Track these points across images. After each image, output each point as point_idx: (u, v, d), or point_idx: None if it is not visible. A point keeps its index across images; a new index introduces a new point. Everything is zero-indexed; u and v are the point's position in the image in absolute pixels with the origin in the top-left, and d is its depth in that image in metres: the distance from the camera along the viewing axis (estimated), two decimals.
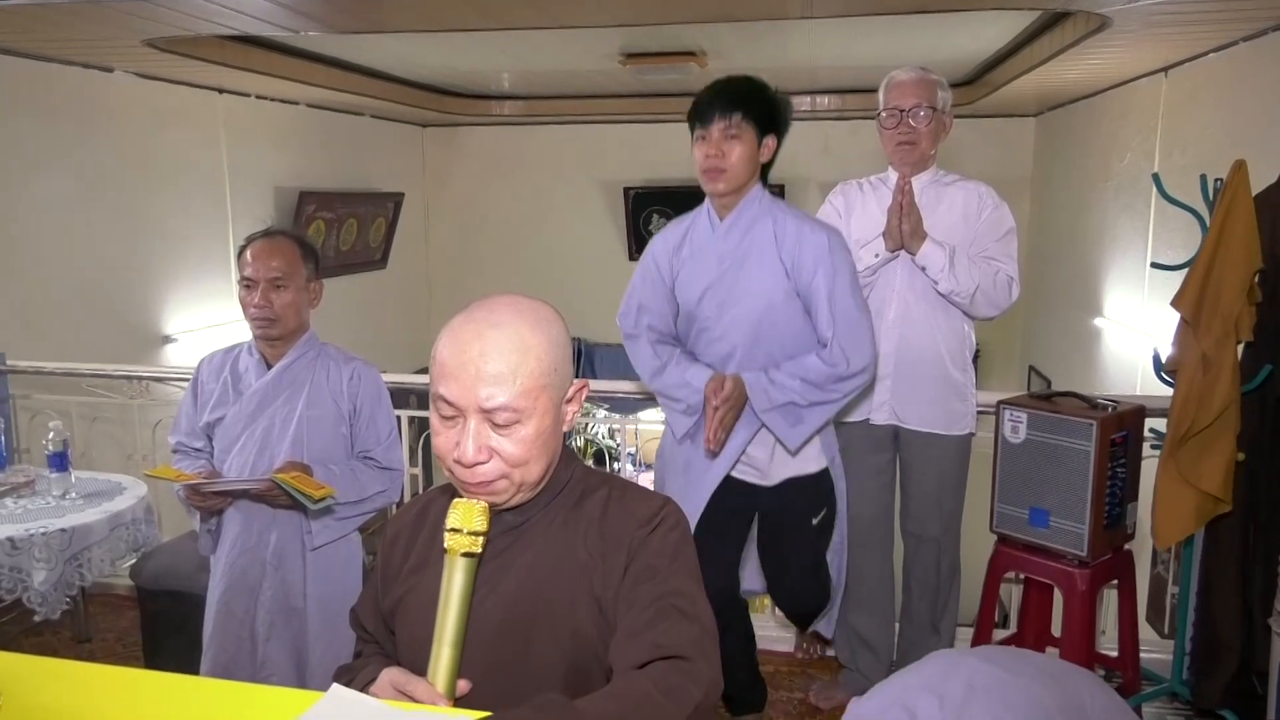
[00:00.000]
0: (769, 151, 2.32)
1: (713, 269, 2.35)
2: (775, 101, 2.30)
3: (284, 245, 2.21)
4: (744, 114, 2.24)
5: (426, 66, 6.47)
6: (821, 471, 2.47)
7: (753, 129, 2.26)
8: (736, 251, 2.33)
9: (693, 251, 2.40)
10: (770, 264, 2.30)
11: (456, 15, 3.74)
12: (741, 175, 2.29)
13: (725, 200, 2.34)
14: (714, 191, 2.33)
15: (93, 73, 4.69)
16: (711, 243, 2.37)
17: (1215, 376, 2.45)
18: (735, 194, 2.33)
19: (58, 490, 3.01)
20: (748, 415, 2.34)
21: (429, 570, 1.25)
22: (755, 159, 2.30)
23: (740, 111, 2.24)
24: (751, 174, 2.31)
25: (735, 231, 2.34)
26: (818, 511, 2.47)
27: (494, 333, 1.16)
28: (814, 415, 2.33)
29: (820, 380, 2.29)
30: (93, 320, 4.77)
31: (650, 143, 8.17)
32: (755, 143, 2.28)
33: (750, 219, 2.33)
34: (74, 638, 3.48)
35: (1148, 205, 5.04)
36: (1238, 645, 2.67)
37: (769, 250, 2.31)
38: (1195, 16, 3.63)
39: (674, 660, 1.10)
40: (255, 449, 2.22)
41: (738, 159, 2.26)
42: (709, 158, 2.28)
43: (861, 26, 4.75)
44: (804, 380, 2.29)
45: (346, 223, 7.25)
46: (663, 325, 2.47)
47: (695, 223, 2.43)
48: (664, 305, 2.46)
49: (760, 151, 2.30)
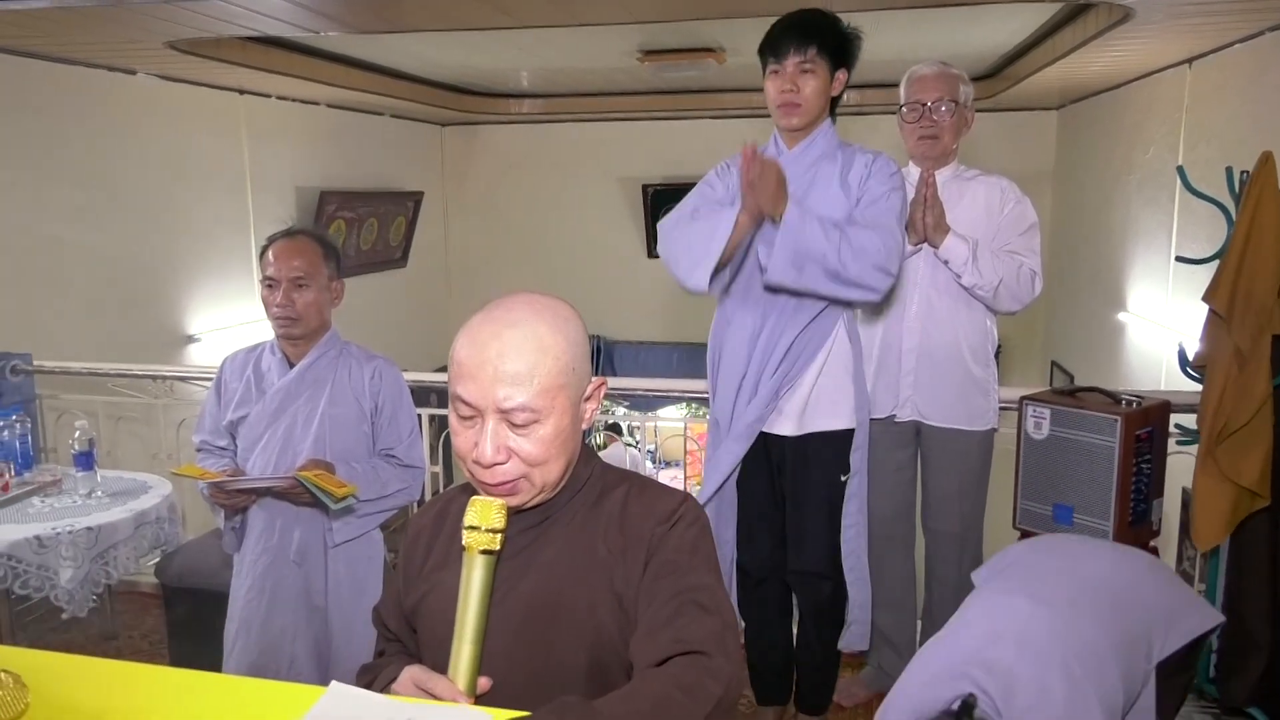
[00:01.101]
0: (840, 85, 2.31)
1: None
2: (847, 35, 2.29)
3: (306, 245, 2.23)
4: (818, 47, 2.23)
5: (445, 66, 6.49)
6: (848, 431, 2.43)
7: (826, 62, 2.25)
8: (803, 179, 2.31)
9: None
10: (834, 191, 2.30)
11: (476, 13, 3.75)
12: (815, 109, 2.29)
13: (795, 134, 2.34)
14: (788, 126, 2.32)
15: (116, 75, 4.74)
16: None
17: (1253, 372, 2.42)
18: (807, 128, 2.32)
19: (84, 489, 3.04)
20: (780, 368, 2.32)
21: (450, 569, 1.25)
22: (828, 92, 2.29)
23: (815, 45, 2.22)
24: (824, 108, 2.31)
25: (803, 161, 2.34)
26: (845, 468, 2.44)
27: (511, 333, 1.16)
28: (812, 274, 2.21)
29: (856, 241, 2.18)
30: (117, 320, 4.82)
31: (669, 140, 8.15)
32: (828, 76, 2.27)
33: (818, 150, 2.33)
34: (100, 635, 3.52)
35: (1172, 199, 4.98)
36: (1267, 643, 2.64)
37: (834, 178, 2.30)
38: (1219, 7, 3.58)
39: (694, 656, 1.10)
40: (278, 447, 2.24)
41: (812, 92, 2.26)
42: (784, 92, 2.27)
43: (881, 20, 4.72)
44: (842, 231, 2.18)
45: (367, 222, 7.29)
46: None
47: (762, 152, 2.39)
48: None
49: (833, 85, 2.28)
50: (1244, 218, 2.46)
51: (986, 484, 2.74)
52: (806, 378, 2.37)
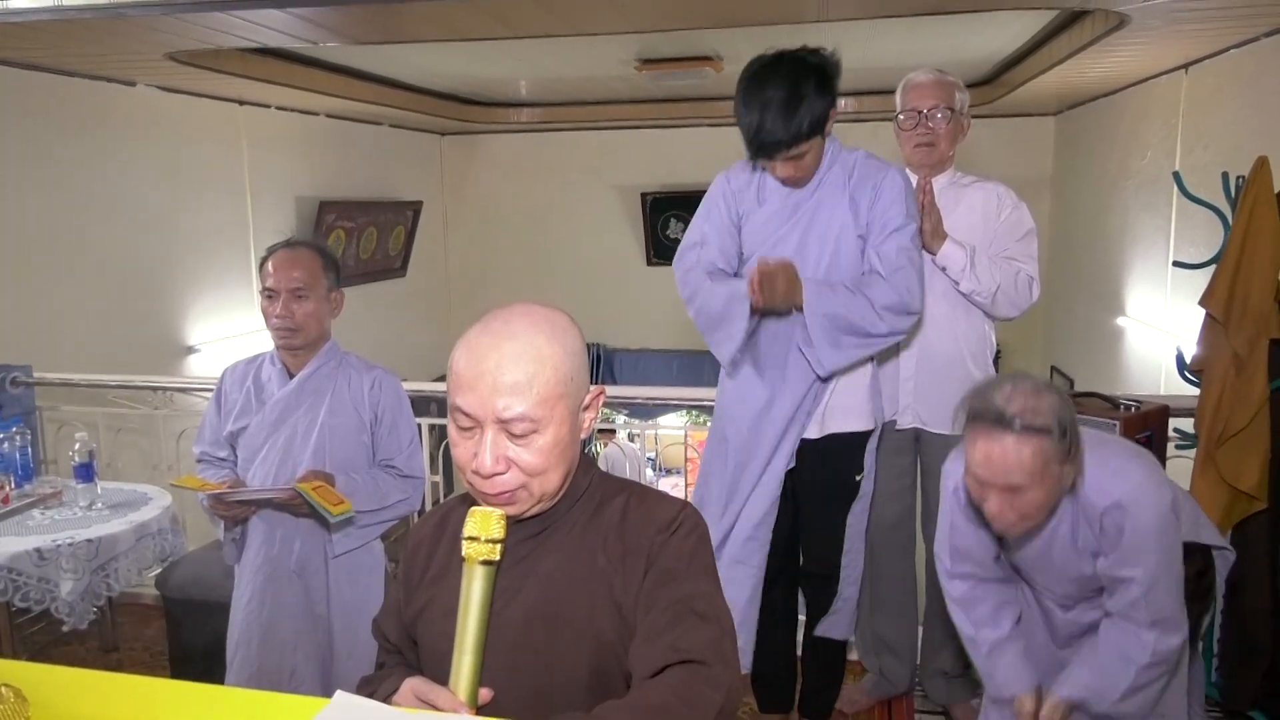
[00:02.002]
0: (834, 116, 2.29)
1: (784, 219, 2.35)
2: (822, 95, 2.20)
3: (305, 256, 2.23)
4: (805, 132, 2.19)
5: (444, 75, 6.51)
6: (867, 432, 2.45)
7: (816, 134, 2.23)
8: (812, 199, 2.33)
9: (762, 200, 2.40)
10: (841, 208, 2.31)
11: (475, 24, 3.76)
12: (816, 165, 2.31)
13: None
14: (797, 186, 2.34)
15: (116, 86, 4.76)
16: (783, 194, 2.36)
17: (1250, 376, 2.42)
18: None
19: (84, 501, 3.04)
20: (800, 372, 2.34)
21: (449, 580, 1.25)
22: (823, 146, 2.30)
23: (802, 135, 2.19)
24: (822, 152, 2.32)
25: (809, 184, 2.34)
26: (859, 469, 2.45)
27: (510, 344, 1.16)
28: (851, 344, 2.29)
29: (878, 301, 2.25)
30: (117, 332, 4.83)
31: (667, 147, 8.18)
32: (821, 138, 2.27)
33: (825, 165, 2.34)
34: (101, 647, 3.52)
35: (1169, 203, 4.99)
36: (1268, 645, 2.64)
37: (840, 194, 2.32)
38: (1215, 13, 3.60)
39: (692, 665, 1.10)
40: (278, 458, 2.24)
41: (810, 163, 2.28)
42: (785, 180, 2.31)
43: (878, 28, 4.74)
44: (864, 295, 2.25)
45: (366, 231, 7.30)
46: (722, 261, 2.44)
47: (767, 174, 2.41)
48: (726, 241, 2.44)
49: (827, 126, 2.28)
50: (1240, 222, 2.47)
51: None
52: (828, 384, 2.40)
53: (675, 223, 8.38)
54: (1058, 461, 1.74)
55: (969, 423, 1.79)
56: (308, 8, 3.25)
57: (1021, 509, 1.77)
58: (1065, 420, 1.74)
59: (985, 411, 1.75)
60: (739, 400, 2.45)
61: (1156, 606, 1.81)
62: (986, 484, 1.78)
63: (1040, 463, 1.72)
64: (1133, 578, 1.81)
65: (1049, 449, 1.72)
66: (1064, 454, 1.75)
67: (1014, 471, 1.72)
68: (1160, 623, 1.82)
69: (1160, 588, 1.81)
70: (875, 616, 2.80)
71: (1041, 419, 1.71)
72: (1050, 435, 1.71)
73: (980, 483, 1.79)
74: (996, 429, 1.73)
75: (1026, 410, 1.71)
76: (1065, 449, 1.74)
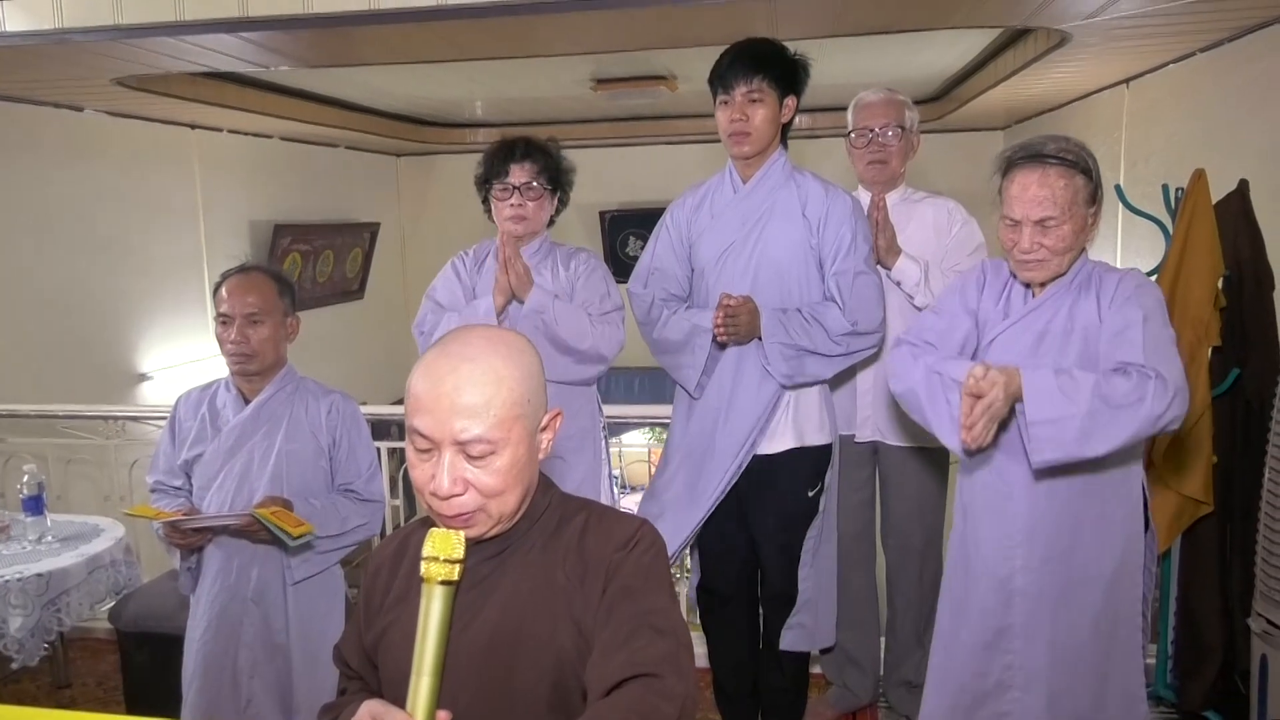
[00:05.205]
0: (790, 111, 2.36)
1: (735, 229, 2.39)
2: (794, 62, 2.35)
3: (260, 281, 2.22)
4: (765, 76, 2.28)
5: (399, 97, 6.50)
6: (825, 446, 2.47)
7: (774, 90, 2.30)
8: (760, 211, 2.38)
9: (714, 213, 2.44)
10: (794, 222, 2.35)
11: (425, 47, 3.77)
12: (765, 136, 2.34)
13: (749, 162, 2.39)
14: (739, 154, 2.37)
15: (63, 112, 4.69)
16: (734, 204, 2.41)
17: (1191, 382, 2.48)
18: (759, 156, 2.37)
19: (33, 534, 2.98)
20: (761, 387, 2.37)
21: (410, 603, 1.25)
22: (778, 120, 2.34)
23: (762, 74, 2.28)
24: (774, 135, 2.36)
25: (759, 191, 2.39)
26: (814, 485, 2.46)
27: (468, 366, 1.17)
28: (813, 363, 2.35)
29: (834, 330, 2.32)
30: (67, 360, 4.74)
31: (624, 166, 8.22)
32: (777, 104, 2.32)
33: (774, 180, 2.39)
34: (53, 684, 3.43)
35: (1115, 215, 5.11)
36: (1220, 646, 2.69)
37: (793, 208, 2.36)
38: (1152, 30, 3.71)
39: (647, 679, 1.11)
40: (234, 485, 2.21)
41: (761, 121, 2.31)
42: (734, 121, 2.32)
43: (828, 46, 4.81)
44: (820, 324, 2.32)
45: (323, 254, 7.24)
46: (675, 287, 2.51)
47: (717, 186, 2.47)
48: (677, 268, 2.50)
49: (782, 112, 2.34)
50: (1179, 233, 2.53)
51: (945, 500, 2.77)
52: (784, 398, 2.41)
53: (634, 240, 8.41)
54: (1084, 203, 1.88)
55: (1008, 169, 1.93)
56: (257, 31, 3.23)
57: (1052, 244, 1.88)
58: (1094, 168, 1.90)
59: (1024, 149, 1.91)
60: (695, 414, 2.47)
61: (1154, 360, 1.81)
62: (1020, 222, 1.89)
63: (1070, 194, 1.86)
64: (1134, 322, 1.86)
65: (1079, 184, 1.87)
66: (1090, 196, 1.89)
67: (1047, 202, 1.85)
68: (1155, 375, 1.79)
69: (1160, 349, 1.84)
70: (838, 630, 2.81)
71: (1074, 155, 1.88)
72: (1082, 171, 1.87)
73: (1014, 222, 1.90)
74: (1034, 162, 1.88)
75: (1062, 149, 1.88)
76: (1092, 191, 1.89)
